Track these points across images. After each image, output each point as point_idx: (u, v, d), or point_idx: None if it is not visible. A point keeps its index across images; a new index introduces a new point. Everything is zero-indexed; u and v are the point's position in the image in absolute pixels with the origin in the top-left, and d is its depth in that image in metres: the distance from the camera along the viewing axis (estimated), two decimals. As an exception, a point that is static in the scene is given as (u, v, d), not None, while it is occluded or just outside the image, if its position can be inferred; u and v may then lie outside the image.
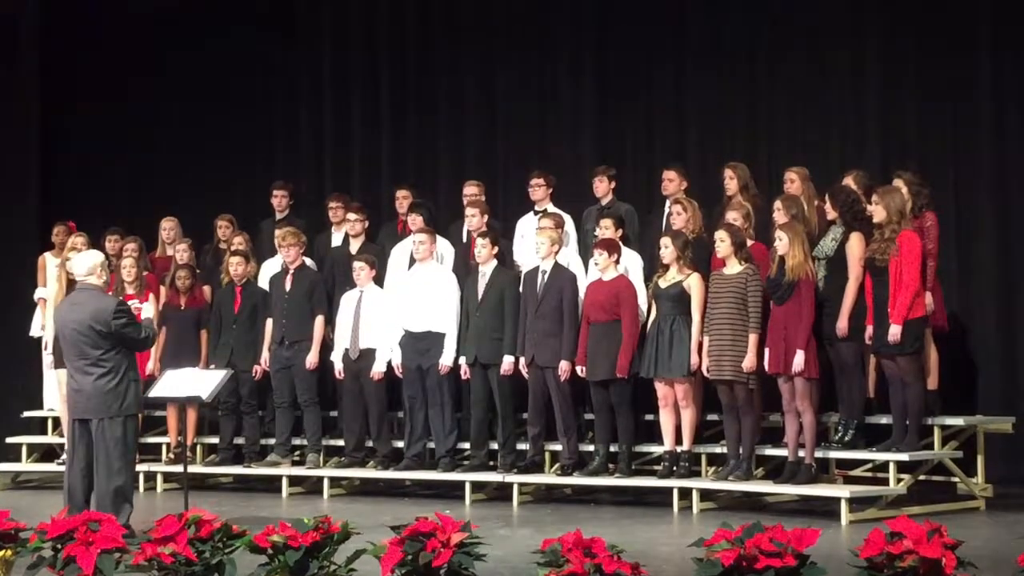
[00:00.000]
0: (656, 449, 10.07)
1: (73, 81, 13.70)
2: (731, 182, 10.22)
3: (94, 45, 13.73)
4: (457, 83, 13.00)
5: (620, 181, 10.94)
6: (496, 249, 10.42)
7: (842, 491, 8.96)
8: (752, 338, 9.19)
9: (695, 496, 9.50)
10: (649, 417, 10.10)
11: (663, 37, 12.06)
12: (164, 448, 11.73)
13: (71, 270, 8.81)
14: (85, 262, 8.36)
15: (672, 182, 10.50)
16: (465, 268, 10.73)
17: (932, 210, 9.62)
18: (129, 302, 9.46)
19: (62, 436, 11.62)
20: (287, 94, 13.74)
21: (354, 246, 11.33)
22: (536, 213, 10.84)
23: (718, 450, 9.77)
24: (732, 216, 9.65)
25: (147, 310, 9.31)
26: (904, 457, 9.09)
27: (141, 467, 11.02)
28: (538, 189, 10.92)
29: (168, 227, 12.28)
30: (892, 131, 11.04)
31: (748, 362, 9.17)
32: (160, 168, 13.65)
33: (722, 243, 9.35)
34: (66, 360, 8.33)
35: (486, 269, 10.38)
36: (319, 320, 11.06)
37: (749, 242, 9.54)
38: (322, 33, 13.63)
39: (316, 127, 13.63)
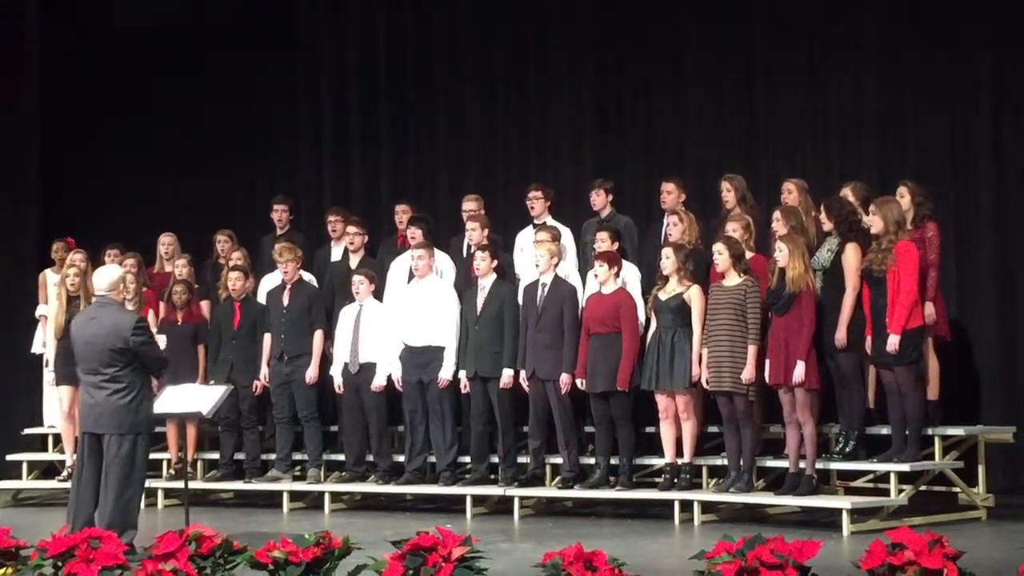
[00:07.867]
0: (657, 461, 10.07)
1: (72, 98, 13.71)
2: (728, 194, 10.22)
3: (92, 62, 13.74)
4: (456, 97, 13.00)
5: (619, 194, 10.95)
6: (496, 262, 10.42)
7: (843, 502, 8.96)
8: (751, 350, 9.20)
9: (696, 508, 9.50)
10: (650, 429, 10.09)
11: (661, 50, 12.06)
12: (164, 464, 11.70)
13: (91, 284, 8.76)
14: (106, 277, 8.30)
15: (671, 194, 10.50)
16: (466, 282, 10.72)
17: (935, 220, 9.62)
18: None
19: (63, 453, 11.66)
20: (286, 109, 13.74)
21: (353, 260, 11.34)
22: (535, 226, 10.84)
23: (719, 462, 9.75)
24: (732, 227, 9.65)
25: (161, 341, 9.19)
26: (905, 468, 9.08)
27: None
28: (536, 202, 10.91)
29: (166, 243, 12.27)
30: (890, 142, 11.03)
31: (747, 374, 9.18)
32: (159, 184, 13.62)
33: (720, 256, 9.35)
34: (80, 374, 8.23)
35: (485, 283, 10.38)
36: (318, 334, 11.06)
37: (750, 254, 9.55)
38: (321, 48, 13.64)
39: (316, 141, 13.63)
